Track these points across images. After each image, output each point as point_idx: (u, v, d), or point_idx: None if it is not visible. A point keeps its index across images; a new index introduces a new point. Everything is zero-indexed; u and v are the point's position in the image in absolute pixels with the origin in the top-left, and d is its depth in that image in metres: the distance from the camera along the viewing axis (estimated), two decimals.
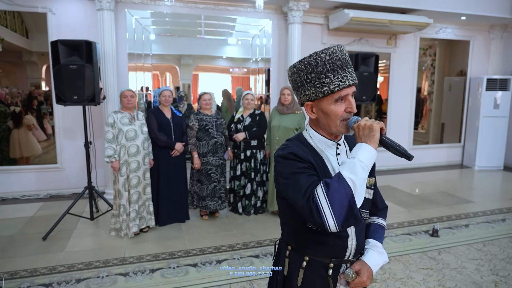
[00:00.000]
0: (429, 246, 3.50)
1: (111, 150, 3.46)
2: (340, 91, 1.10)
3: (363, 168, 1.00)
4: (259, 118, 4.22)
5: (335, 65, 1.10)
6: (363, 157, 1.01)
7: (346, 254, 1.20)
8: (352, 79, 1.11)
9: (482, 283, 2.84)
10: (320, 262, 1.20)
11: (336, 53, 1.10)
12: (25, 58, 4.94)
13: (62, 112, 4.83)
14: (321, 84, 1.10)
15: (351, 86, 1.11)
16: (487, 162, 6.80)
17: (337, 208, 0.98)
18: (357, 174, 0.99)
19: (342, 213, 0.98)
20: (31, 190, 4.91)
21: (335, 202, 0.98)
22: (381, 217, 1.36)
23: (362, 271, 1.19)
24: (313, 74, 1.12)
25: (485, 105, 6.67)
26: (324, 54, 1.10)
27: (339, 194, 0.98)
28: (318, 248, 1.19)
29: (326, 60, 1.10)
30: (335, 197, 0.98)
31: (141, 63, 5.03)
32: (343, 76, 1.10)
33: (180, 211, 4.02)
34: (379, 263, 1.24)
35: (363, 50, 5.97)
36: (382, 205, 1.38)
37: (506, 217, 4.29)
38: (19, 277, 2.87)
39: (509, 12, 6.08)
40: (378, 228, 1.32)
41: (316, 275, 1.20)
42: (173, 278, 2.89)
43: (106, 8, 4.44)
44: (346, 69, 1.11)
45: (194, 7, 5.12)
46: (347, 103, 1.12)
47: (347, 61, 1.12)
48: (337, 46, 1.12)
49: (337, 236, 1.17)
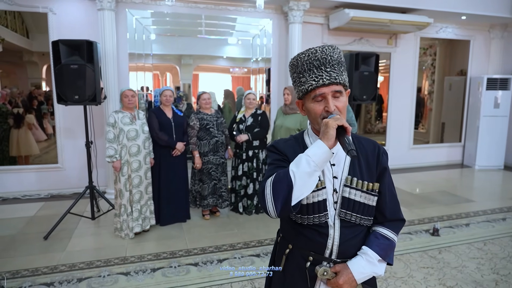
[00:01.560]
0: (430, 245, 3.51)
1: (112, 150, 3.46)
2: (314, 90, 1.12)
3: (308, 162, 1.03)
4: (261, 118, 4.23)
5: (311, 65, 1.13)
6: (311, 152, 1.04)
7: (325, 252, 1.19)
8: (330, 78, 1.11)
9: (482, 282, 2.84)
10: (301, 253, 1.23)
11: (316, 53, 1.13)
12: (25, 58, 4.94)
13: (63, 112, 4.84)
14: (300, 83, 1.16)
15: (328, 85, 1.11)
16: (487, 161, 6.80)
17: (276, 196, 1.05)
18: (299, 167, 1.03)
19: (279, 202, 1.04)
20: (32, 190, 4.91)
21: (275, 191, 1.05)
22: (388, 228, 1.24)
23: (340, 274, 1.16)
24: (295, 74, 1.19)
25: (485, 105, 6.68)
26: (303, 55, 1.15)
27: (280, 184, 1.05)
28: (299, 239, 1.23)
29: (304, 61, 1.14)
30: (277, 186, 1.05)
31: (142, 63, 5.03)
32: (317, 75, 1.12)
33: (181, 210, 4.02)
34: (365, 272, 1.16)
35: (364, 49, 5.97)
36: (392, 216, 1.26)
37: (507, 216, 4.30)
38: (20, 277, 2.87)
39: (509, 12, 6.08)
40: (380, 238, 1.21)
41: (296, 265, 1.24)
42: (174, 277, 2.89)
43: (107, 8, 4.44)
44: (322, 69, 1.12)
45: (194, 7, 5.12)
46: (325, 102, 1.13)
47: (328, 60, 1.12)
48: (320, 47, 1.14)
49: (317, 231, 1.18)
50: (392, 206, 1.27)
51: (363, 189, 1.19)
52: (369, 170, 1.22)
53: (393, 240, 1.24)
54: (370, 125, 7.65)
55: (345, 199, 1.18)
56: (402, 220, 1.30)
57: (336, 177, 1.19)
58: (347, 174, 1.19)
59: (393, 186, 1.29)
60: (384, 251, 1.20)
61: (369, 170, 1.22)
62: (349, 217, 1.18)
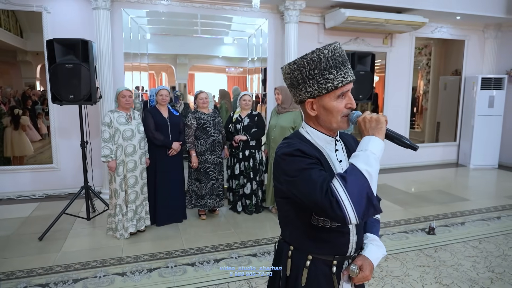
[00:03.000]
0: (426, 244, 3.52)
1: (108, 150, 3.43)
2: (342, 87, 1.12)
3: (375, 159, 1.02)
4: (257, 119, 4.24)
5: (337, 61, 1.11)
6: (375, 149, 1.03)
7: (348, 250, 1.20)
8: (352, 76, 1.14)
9: (478, 280, 2.86)
10: (324, 260, 1.20)
11: (337, 49, 1.13)
12: (19, 58, 4.90)
13: (58, 112, 4.80)
14: (325, 80, 1.11)
15: (351, 82, 1.14)
16: (482, 160, 6.85)
17: (356, 200, 0.98)
18: (372, 165, 1.01)
19: (362, 205, 0.98)
20: (26, 190, 4.87)
21: (354, 194, 0.98)
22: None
23: (365, 266, 1.19)
24: (316, 70, 1.11)
25: (480, 104, 6.73)
26: (326, 51, 1.11)
27: (357, 186, 0.98)
28: (321, 246, 1.19)
29: (329, 57, 1.11)
30: (353, 189, 0.98)
31: (137, 63, 5.01)
32: (345, 72, 1.12)
33: (177, 210, 4.01)
34: (379, 256, 1.24)
35: (359, 49, 5.99)
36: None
37: (501, 215, 4.33)
38: (15, 278, 2.85)
39: (503, 12, 6.13)
40: (374, 222, 1.33)
41: (320, 274, 1.20)
42: (171, 277, 2.88)
43: (102, 7, 4.42)
44: (346, 66, 1.13)
45: (190, 6, 5.11)
46: (347, 99, 1.14)
47: (346, 58, 1.15)
48: (337, 43, 1.14)
49: (340, 232, 1.18)
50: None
51: None
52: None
53: (380, 220, 1.39)
54: None
55: None
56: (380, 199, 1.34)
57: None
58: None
59: None
60: (379, 232, 1.34)
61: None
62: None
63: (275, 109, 4.28)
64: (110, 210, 3.63)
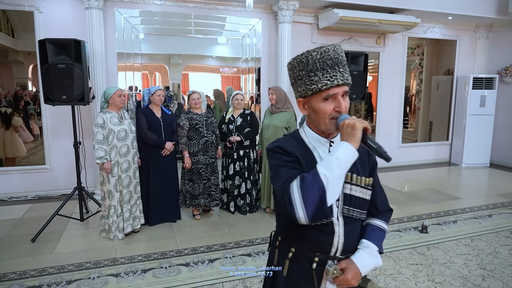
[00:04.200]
0: (419, 242, 3.56)
1: (102, 151, 3.39)
2: (328, 89, 1.11)
3: (339, 165, 1.02)
4: (250, 118, 4.24)
5: (325, 64, 1.11)
6: (341, 155, 1.03)
7: (331, 251, 1.19)
8: (343, 79, 1.11)
9: (470, 277, 2.89)
10: (305, 255, 1.22)
11: (328, 52, 1.12)
12: (11, 58, 4.85)
13: (50, 112, 4.76)
14: (310, 82, 1.13)
15: (341, 86, 1.12)
16: (474, 159, 6.93)
17: (308, 201, 1.01)
18: (332, 171, 1.01)
19: (312, 207, 1.01)
20: (18, 191, 4.83)
21: (307, 196, 1.01)
22: (381, 220, 1.31)
23: (348, 270, 1.18)
24: (303, 71, 1.14)
25: (471, 104, 6.80)
26: (315, 53, 1.12)
27: (311, 189, 1.01)
28: (303, 241, 1.21)
29: (317, 59, 1.11)
30: (307, 191, 1.01)
31: (131, 63, 4.99)
32: (332, 75, 1.10)
33: (171, 210, 4.00)
34: (369, 264, 1.21)
35: (353, 49, 6.02)
36: (383, 207, 1.33)
37: (493, 213, 4.38)
38: (7, 280, 2.82)
39: (493, 12, 6.20)
40: (376, 230, 1.28)
41: (300, 267, 1.22)
42: (165, 277, 2.88)
43: (95, 6, 4.39)
44: (336, 69, 1.11)
45: (183, 6, 5.10)
46: (336, 102, 1.12)
47: (339, 60, 1.12)
48: (331, 46, 1.13)
49: (323, 231, 1.18)
50: (382, 198, 1.34)
51: (362, 184, 1.21)
52: (362, 166, 1.24)
53: (386, 230, 1.32)
54: None
55: (346, 196, 1.19)
56: (391, 210, 1.36)
57: None
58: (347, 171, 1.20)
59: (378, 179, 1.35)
60: (380, 242, 1.26)
61: (362, 165, 1.24)
62: (351, 213, 1.20)
63: (268, 109, 4.29)
64: (103, 211, 3.59)
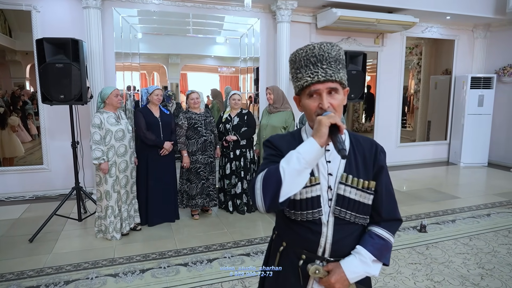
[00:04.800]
0: (417, 242, 3.56)
1: (99, 152, 3.36)
2: (309, 86, 1.12)
3: (298, 159, 1.02)
4: (247, 118, 4.23)
5: (308, 61, 1.12)
6: (302, 149, 1.03)
7: (318, 251, 1.18)
8: (325, 75, 1.10)
9: (468, 276, 2.90)
10: (294, 251, 1.22)
11: (313, 50, 1.12)
12: (8, 58, 4.83)
13: (48, 112, 4.74)
14: (297, 79, 1.16)
15: (323, 82, 1.11)
16: (472, 158, 6.94)
17: (265, 192, 1.05)
18: (290, 163, 1.03)
19: (269, 198, 1.04)
20: (16, 191, 4.81)
21: (265, 186, 1.05)
22: (384, 228, 1.22)
23: (332, 272, 1.15)
24: (293, 69, 1.18)
25: (469, 103, 6.81)
26: (302, 51, 1.15)
27: (270, 180, 1.05)
28: (292, 237, 1.23)
29: (302, 57, 1.14)
30: (267, 181, 1.05)
31: (129, 62, 4.97)
32: (313, 72, 1.11)
33: (170, 210, 3.99)
34: (358, 271, 1.15)
35: (351, 48, 6.02)
36: (388, 215, 1.24)
37: (491, 212, 4.39)
38: (5, 280, 2.81)
39: (491, 12, 6.22)
40: (375, 238, 1.19)
41: (289, 262, 1.23)
42: (164, 278, 2.87)
43: (93, 6, 4.37)
44: (319, 65, 1.11)
45: (182, 6, 5.09)
46: (319, 99, 1.12)
47: (325, 57, 1.11)
48: (319, 43, 1.14)
49: (309, 229, 1.18)
50: (389, 205, 1.25)
51: (359, 187, 1.18)
52: (365, 168, 1.21)
53: (389, 240, 1.22)
54: (358, 123, 7.73)
55: (340, 197, 1.17)
56: (399, 220, 1.27)
57: (331, 174, 1.18)
58: (343, 172, 1.18)
59: (391, 185, 1.27)
60: (379, 251, 1.18)
61: (365, 168, 1.21)
62: (344, 214, 1.17)
63: (266, 108, 4.28)
64: (99, 212, 3.56)
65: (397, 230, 1.27)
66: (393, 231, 1.24)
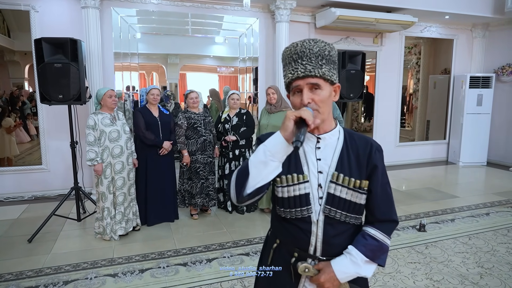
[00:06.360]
0: (417, 241, 3.56)
1: (93, 153, 3.35)
2: (291, 82, 1.14)
3: (264, 151, 1.06)
4: (246, 117, 4.23)
5: (291, 59, 1.13)
6: (268, 142, 1.07)
7: (309, 249, 1.17)
8: (304, 71, 1.09)
9: (468, 275, 2.90)
10: (286, 248, 1.23)
11: (296, 47, 1.13)
12: (7, 58, 4.83)
13: (47, 112, 4.73)
14: (284, 76, 1.19)
15: (303, 78, 1.10)
16: (471, 158, 6.94)
17: (237, 183, 1.10)
18: (256, 156, 1.07)
19: (238, 189, 1.10)
20: (14, 192, 4.80)
21: (238, 178, 1.10)
22: (377, 229, 1.19)
23: (322, 272, 1.14)
24: (282, 68, 1.21)
25: (468, 102, 6.81)
26: (287, 49, 1.16)
27: (241, 172, 1.10)
28: (284, 234, 1.23)
29: (287, 55, 1.16)
30: (238, 174, 1.11)
31: (127, 62, 4.97)
32: (293, 68, 1.12)
33: (169, 210, 3.98)
34: (348, 271, 1.13)
35: (350, 48, 6.02)
36: (383, 216, 1.21)
37: (490, 211, 4.39)
38: (4, 281, 2.80)
39: (490, 12, 6.22)
40: (367, 238, 1.17)
41: (282, 259, 1.23)
42: (163, 277, 2.87)
43: (91, 5, 4.37)
44: (299, 62, 1.11)
45: (181, 5, 5.08)
46: (301, 95, 1.13)
47: (305, 54, 1.11)
48: (301, 40, 1.14)
49: (299, 228, 1.17)
50: (384, 205, 1.21)
51: (350, 186, 1.15)
52: (358, 167, 1.18)
53: (383, 242, 1.19)
54: (357, 123, 7.74)
55: (330, 195, 1.15)
56: (394, 222, 1.23)
57: (321, 172, 1.17)
58: (334, 170, 1.16)
59: (387, 185, 1.23)
60: (371, 252, 1.15)
61: (358, 167, 1.18)
62: (334, 213, 1.15)
63: (265, 108, 4.27)
64: (98, 214, 3.56)
65: (392, 231, 1.24)
66: (387, 232, 1.21)
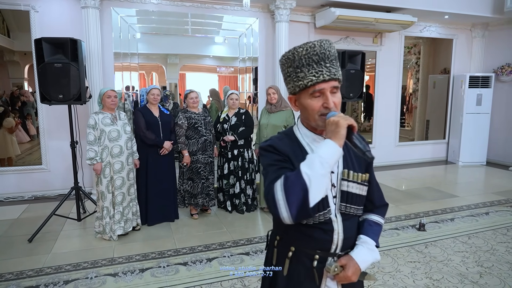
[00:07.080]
0: (416, 240, 3.56)
1: (93, 152, 3.37)
2: (314, 85, 1.10)
3: (322, 163, 0.99)
4: (245, 117, 4.23)
5: (311, 60, 1.09)
6: (324, 153, 1.00)
7: (332, 248, 1.18)
8: (330, 74, 1.09)
9: (467, 274, 2.90)
10: (306, 253, 1.20)
11: (314, 48, 1.10)
12: (6, 58, 4.83)
13: (47, 112, 4.73)
14: (297, 78, 1.12)
15: (328, 81, 1.10)
16: (470, 157, 6.95)
17: (291, 201, 0.99)
18: (314, 169, 0.99)
19: (296, 207, 0.99)
20: (15, 192, 4.80)
21: (289, 196, 1.00)
22: (378, 214, 1.31)
23: (348, 266, 1.17)
24: (291, 68, 1.14)
25: (468, 102, 6.82)
26: (301, 49, 1.11)
27: (294, 188, 0.99)
28: (303, 240, 1.20)
29: (303, 55, 1.10)
30: (290, 190, 1.00)
31: (127, 62, 4.97)
32: (317, 71, 1.09)
33: (169, 210, 3.99)
34: (368, 259, 1.21)
35: (350, 48, 6.03)
36: (379, 202, 1.33)
37: (489, 211, 4.40)
38: (4, 280, 2.81)
39: (489, 11, 6.23)
40: (373, 225, 1.27)
41: (301, 266, 1.21)
42: (163, 277, 2.87)
43: (91, 5, 4.37)
44: (322, 64, 1.10)
45: (180, 5, 5.09)
46: (324, 98, 1.10)
47: (326, 56, 1.10)
48: (318, 41, 1.12)
49: (322, 229, 1.17)
50: (378, 193, 1.34)
51: (358, 180, 1.20)
52: (358, 162, 1.23)
53: (382, 224, 1.32)
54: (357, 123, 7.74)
55: (343, 193, 1.18)
56: (387, 205, 1.37)
57: (333, 171, 1.18)
58: (343, 168, 1.20)
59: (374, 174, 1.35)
60: (378, 236, 1.26)
61: (358, 161, 1.23)
62: (349, 209, 1.19)
63: (265, 108, 4.27)
64: (98, 213, 3.57)
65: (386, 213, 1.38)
66: (384, 215, 1.36)
